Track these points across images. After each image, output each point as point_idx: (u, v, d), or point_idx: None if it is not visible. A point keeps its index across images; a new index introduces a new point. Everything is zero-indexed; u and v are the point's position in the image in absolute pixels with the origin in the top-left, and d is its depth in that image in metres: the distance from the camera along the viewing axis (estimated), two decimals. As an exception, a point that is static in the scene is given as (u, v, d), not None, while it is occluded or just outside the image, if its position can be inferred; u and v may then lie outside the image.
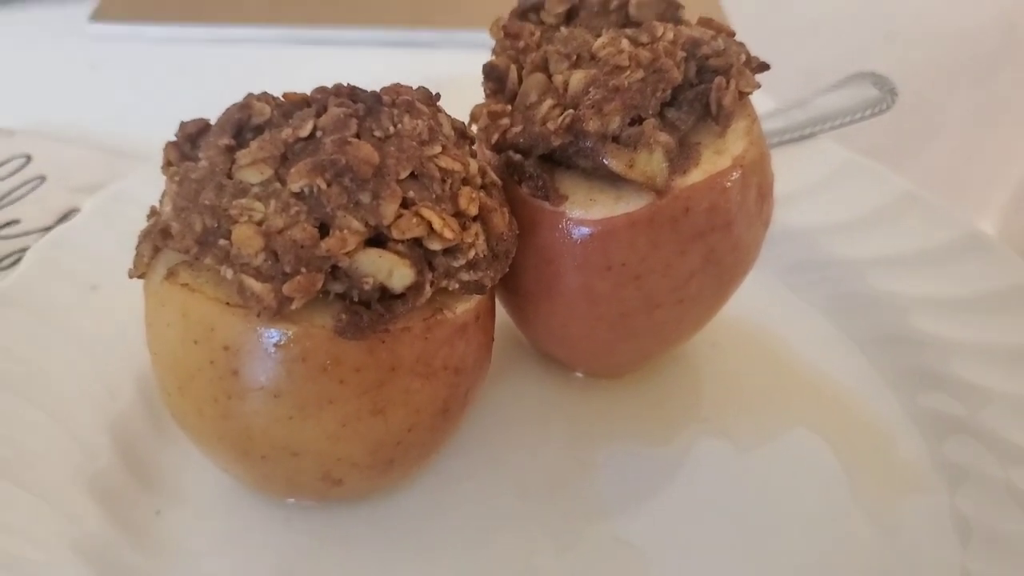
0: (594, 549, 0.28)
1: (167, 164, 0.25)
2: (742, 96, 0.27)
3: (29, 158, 0.43)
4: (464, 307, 0.24)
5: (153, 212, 0.25)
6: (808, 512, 0.29)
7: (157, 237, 0.23)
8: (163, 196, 0.24)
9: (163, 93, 0.51)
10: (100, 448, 0.29)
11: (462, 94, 0.30)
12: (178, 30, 0.55)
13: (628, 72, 0.25)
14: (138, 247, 0.24)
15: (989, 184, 1.24)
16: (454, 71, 0.36)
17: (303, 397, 0.22)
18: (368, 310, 0.22)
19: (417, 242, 0.22)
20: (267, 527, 0.28)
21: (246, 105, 0.24)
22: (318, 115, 0.23)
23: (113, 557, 0.26)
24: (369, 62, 0.54)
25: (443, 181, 0.23)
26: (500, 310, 0.31)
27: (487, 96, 0.28)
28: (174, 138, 0.25)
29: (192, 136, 0.25)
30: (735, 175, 0.26)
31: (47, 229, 0.39)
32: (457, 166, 0.23)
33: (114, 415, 0.30)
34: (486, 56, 0.29)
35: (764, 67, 0.28)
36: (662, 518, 0.29)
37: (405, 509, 0.29)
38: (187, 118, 0.25)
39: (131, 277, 0.25)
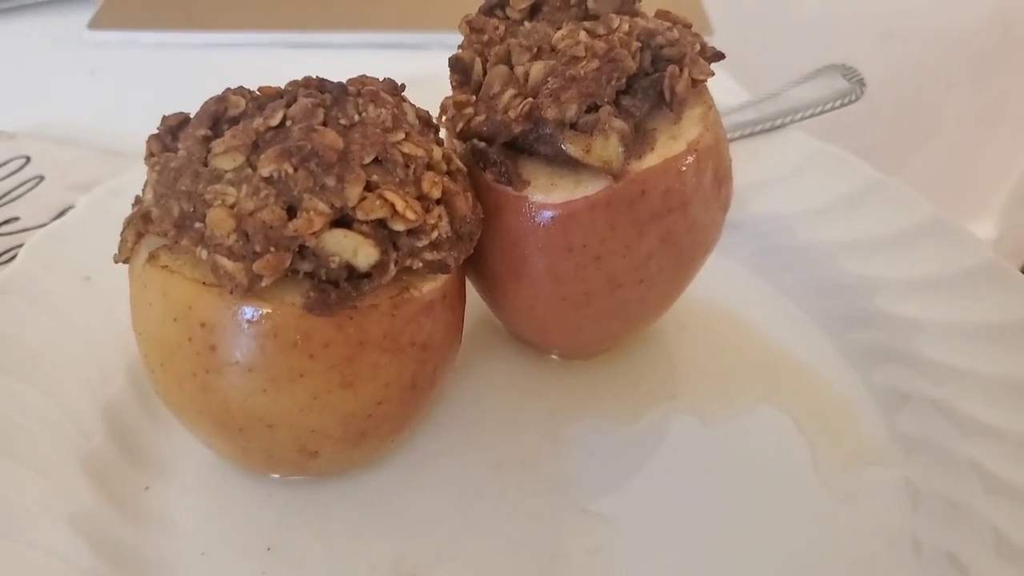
0: (564, 521, 0.29)
1: (149, 155, 0.26)
2: (696, 84, 0.28)
3: (28, 159, 0.45)
4: (430, 286, 0.26)
5: (137, 201, 0.26)
6: (772, 484, 0.31)
7: (139, 222, 0.25)
8: (145, 185, 0.26)
9: (158, 96, 0.52)
10: (93, 428, 0.30)
11: (440, 88, 0.31)
12: (172, 36, 0.57)
13: (584, 62, 0.26)
14: (123, 233, 0.26)
15: (988, 184, 1.25)
16: (436, 70, 0.38)
17: (275, 371, 0.24)
18: (336, 288, 0.23)
19: (381, 223, 0.23)
20: (250, 501, 0.29)
21: (222, 98, 0.26)
22: (288, 106, 0.25)
23: (106, 530, 0.28)
24: (356, 64, 0.55)
25: (406, 166, 0.24)
26: (475, 296, 0.32)
27: (453, 88, 0.29)
28: (156, 131, 0.27)
29: (173, 128, 0.26)
30: (690, 159, 0.28)
31: (44, 226, 0.40)
32: (420, 152, 0.25)
33: (106, 397, 0.31)
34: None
35: (719, 56, 0.29)
36: (630, 491, 0.30)
37: (382, 483, 0.30)
38: (174, 116, 0.27)
39: (116, 262, 0.26)
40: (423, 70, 0.40)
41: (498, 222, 0.28)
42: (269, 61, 0.56)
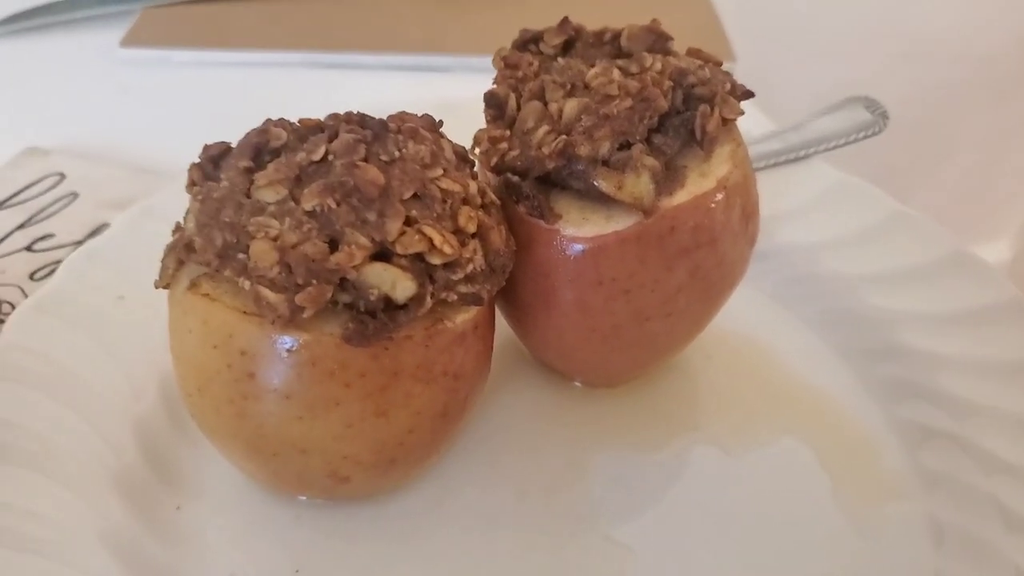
0: (587, 549, 0.30)
1: (191, 184, 0.27)
2: (726, 122, 0.29)
3: (63, 176, 0.46)
4: (463, 318, 0.26)
5: (178, 228, 0.27)
6: (793, 517, 0.31)
7: (181, 251, 0.25)
8: (187, 213, 0.26)
9: (189, 114, 0.53)
10: (125, 446, 0.31)
11: (470, 115, 0.31)
12: (204, 55, 0.58)
13: (617, 101, 0.27)
14: (164, 260, 0.26)
15: (1005, 206, 1.24)
16: (464, 94, 0.38)
17: (312, 399, 0.24)
18: (373, 319, 0.24)
19: (419, 257, 0.24)
20: (279, 523, 0.30)
21: (264, 130, 0.26)
22: (330, 140, 0.25)
23: (137, 548, 0.28)
24: (384, 85, 0.56)
25: (444, 201, 0.25)
26: (502, 322, 0.32)
27: (488, 122, 0.30)
28: (198, 160, 0.27)
29: (214, 158, 0.27)
30: (719, 196, 0.28)
31: (78, 243, 0.41)
32: (457, 187, 0.25)
33: (138, 416, 0.32)
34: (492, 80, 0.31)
35: (748, 95, 0.30)
36: (652, 520, 0.31)
37: (409, 508, 0.30)
38: (212, 139, 0.27)
39: (157, 288, 0.27)
40: (452, 93, 0.41)
41: (530, 254, 0.29)
42: (300, 80, 0.57)
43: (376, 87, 0.56)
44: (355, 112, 0.26)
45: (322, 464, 0.26)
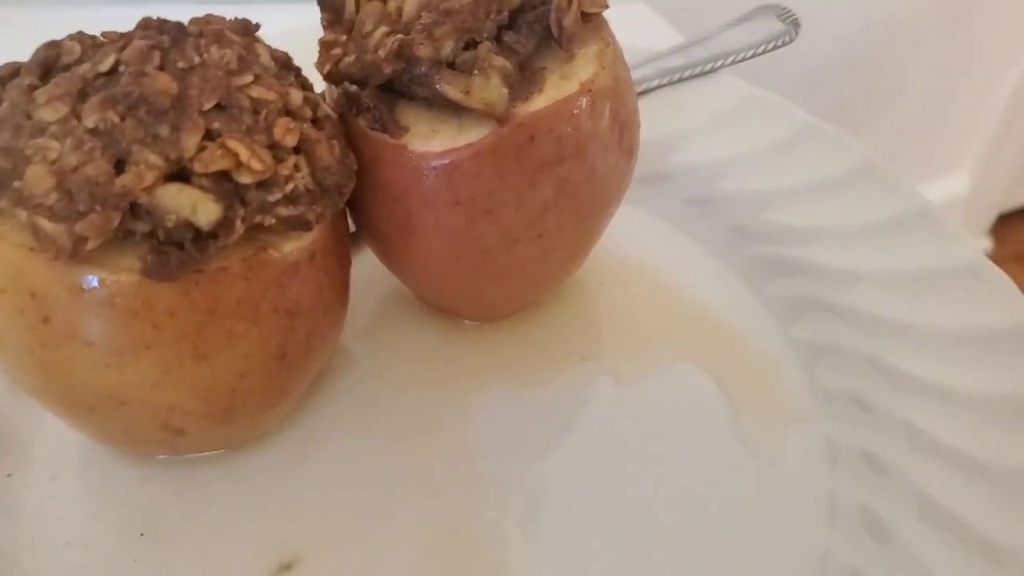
0: (465, 494, 0.27)
1: (-22, 109, 0.24)
2: (588, 18, 0.26)
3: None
4: (293, 246, 0.23)
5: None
6: (690, 447, 0.29)
7: (-42, 184, 0.22)
8: (-28, 143, 0.23)
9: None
10: (-51, 412, 0.28)
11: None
12: (74, -9, 0.53)
13: (461, -6, 0.24)
14: (-49, 197, 0.23)
15: (962, 136, 1.23)
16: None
17: (117, 344, 0.22)
18: (179, 250, 0.21)
19: (225, 176, 0.21)
20: (123, 484, 0.27)
21: (55, 44, 0.23)
22: (122, 50, 0.22)
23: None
24: (271, 17, 0.52)
25: (255, 112, 0.22)
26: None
27: (324, 28, 0.26)
28: (-14, 82, 0.24)
29: (3, 79, 0.24)
30: (583, 101, 0.25)
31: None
32: (271, 96, 0.22)
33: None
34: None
35: (617, -12, 0.27)
36: (538, 460, 0.29)
37: (269, 460, 0.28)
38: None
39: (-56, 229, 0.23)
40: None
41: (378, 175, 0.26)
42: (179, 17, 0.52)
43: (276, 19, 0.51)
44: (154, 18, 0.23)
45: (148, 416, 0.24)
